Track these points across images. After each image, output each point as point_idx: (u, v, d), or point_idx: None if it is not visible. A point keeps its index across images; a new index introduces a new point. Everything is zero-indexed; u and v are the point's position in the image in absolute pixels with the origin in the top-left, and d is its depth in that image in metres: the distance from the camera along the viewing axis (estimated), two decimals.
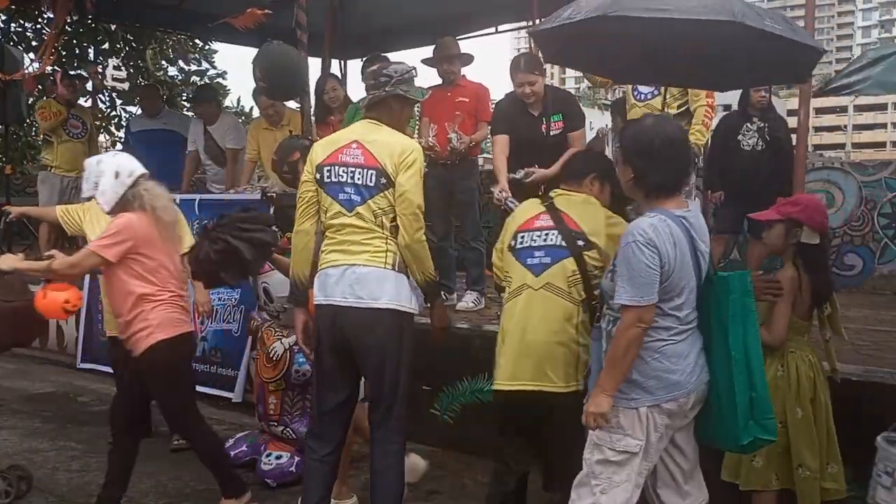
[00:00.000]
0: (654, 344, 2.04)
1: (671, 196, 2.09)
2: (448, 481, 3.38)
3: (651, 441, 2.06)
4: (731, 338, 2.06)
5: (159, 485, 3.29)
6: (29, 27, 9.08)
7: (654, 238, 1.98)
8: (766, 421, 2.09)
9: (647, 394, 2.04)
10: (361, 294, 2.43)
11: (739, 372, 2.05)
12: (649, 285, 1.97)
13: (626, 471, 2.07)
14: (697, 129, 3.82)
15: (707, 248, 2.12)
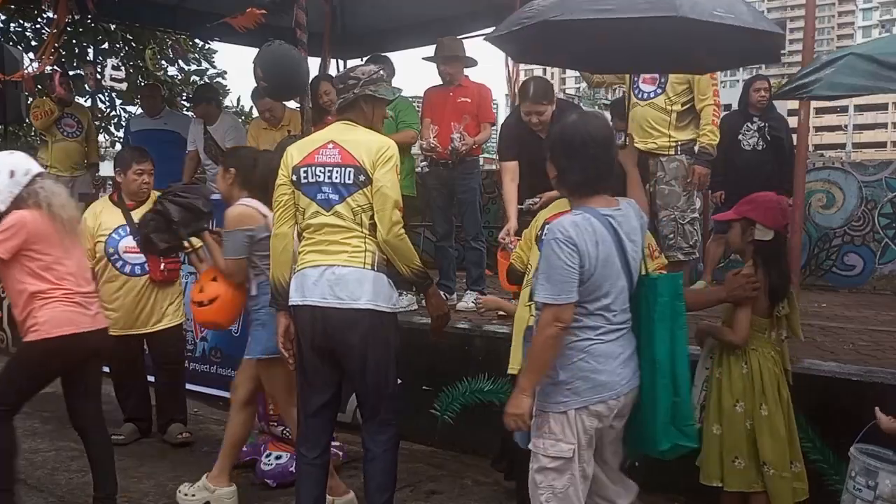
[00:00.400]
0: (580, 343, 2.02)
1: (596, 194, 2.08)
2: (448, 481, 3.38)
3: (582, 443, 2.04)
4: (656, 341, 2.04)
5: (159, 485, 3.28)
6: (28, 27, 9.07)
7: (575, 236, 1.97)
8: (687, 427, 2.08)
9: (575, 395, 2.02)
10: (341, 295, 2.44)
11: (663, 376, 2.04)
12: (567, 284, 1.95)
13: (565, 476, 2.05)
14: (709, 130, 3.78)
15: (638, 248, 2.10)
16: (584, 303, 2.01)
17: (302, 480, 2.61)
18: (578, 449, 2.03)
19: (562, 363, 2.02)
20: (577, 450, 2.03)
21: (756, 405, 2.49)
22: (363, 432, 2.63)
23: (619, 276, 2.04)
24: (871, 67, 2.14)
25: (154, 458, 3.57)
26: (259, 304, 2.90)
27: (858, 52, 2.29)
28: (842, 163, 6.14)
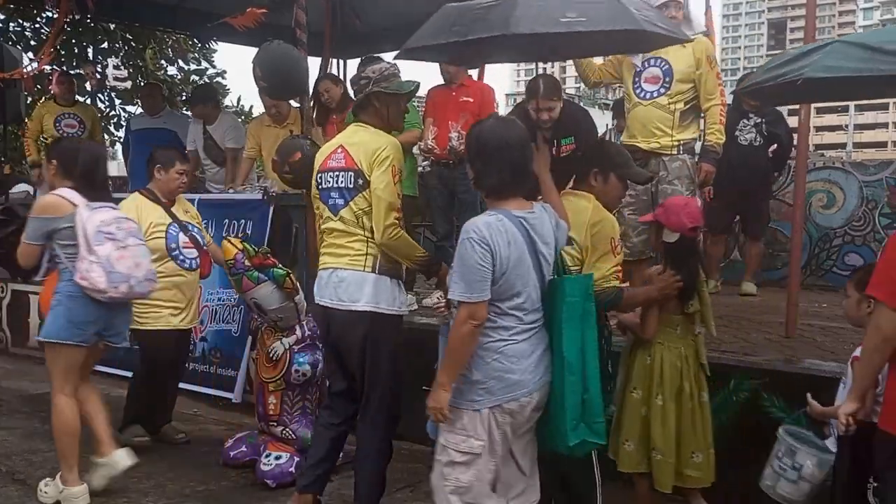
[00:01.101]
0: (494, 344, 2.07)
1: (512, 197, 2.14)
2: None
3: (495, 440, 2.09)
4: (564, 340, 2.10)
5: (159, 485, 3.28)
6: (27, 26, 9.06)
7: (488, 236, 2.02)
8: (596, 424, 2.13)
9: (489, 394, 2.07)
10: (343, 297, 2.57)
11: (571, 373, 2.09)
12: (480, 282, 2.01)
13: (472, 471, 2.09)
14: (717, 129, 3.77)
15: (550, 250, 2.17)
16: (498, 302, 2.07)
17: (315, 439, 2.84)
18: (490, 446, 2.09)
19: (476, 363, 2.07)
20: (487, 446, 2.09)
21: (653, 394, 2.66)
22: (357, 430, 2.71)
23: (532, 277, 2.10)
24: (867, 54, 2.14)
25: (153, 459, 3.56)
26: (57, 290, 2.98)
27: (844, 40, 2.31)
28: (842, 163, 6.12)
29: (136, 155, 5.84)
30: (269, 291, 3.34)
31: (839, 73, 2.18)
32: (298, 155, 3.41)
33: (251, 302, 3.42)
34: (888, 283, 1.88)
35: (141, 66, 9.45)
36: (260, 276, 3.34)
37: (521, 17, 2.27)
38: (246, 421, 4.00)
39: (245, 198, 4.66)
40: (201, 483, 3.31)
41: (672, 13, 3.63)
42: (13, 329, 5.80)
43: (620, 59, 3.91)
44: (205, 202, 4.71)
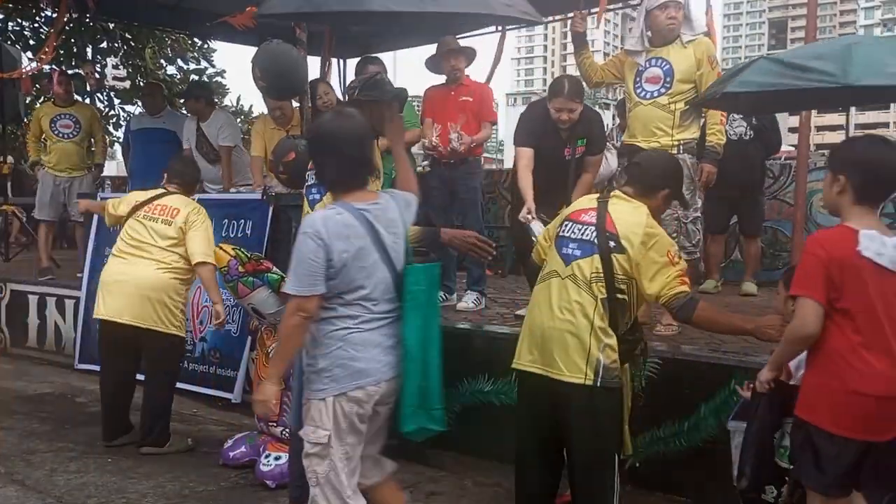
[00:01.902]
0: (338, 333, 2.10)
1: (353, 189, 2.17)
2: (448, 483, 3.36)
3: (342, 428, 2.11)
4: (407, 327, 2.15)
5: (158, 486, 3.27)
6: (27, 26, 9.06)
7: (322, 231, 2.05)
8: (435, 411, 2.19)
9: (334, 382, 2.09)
10: None
11: (411, 360, 2.14)
12: (311, 276, 2.04)
13: (325, 462, 2.12)
14: (717, 130, 3.76)
15: (399, 240, 2.20)
16: (341, 294, 2.09)
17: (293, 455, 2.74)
18: (338, 434, 2.11)
19: (321, 352, 2.10)
20: (334, 435, 2.11)
21: None
22: None
23: (379, 268, 2.13)
24: (780, 69, 2.26)
25: (153, 459, 3.55)
26: None
27: (769, 56, 2.46)
28: None
29: (136, 155, 5.84)
30: (266, 296, 3.33)
31: (751, 87, 2.31)
32: (293, 155, 3.41)
33: (248, 307, 3.42)
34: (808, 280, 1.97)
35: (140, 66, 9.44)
36: (255, 282, 3.32)
37: None
38: (246, 421, 3.99)
39: (245, 198, 4.66)
40: (201, 483, 3.30)
41: (672, 13, 3.62)
42: (12, 329, 5.79)
43: (623, 58, 3.91)
44: (205, 202, 4.69)
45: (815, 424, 2.00)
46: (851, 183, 2.01)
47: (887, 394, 1.94)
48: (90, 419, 4.03)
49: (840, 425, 1.96)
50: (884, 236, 1.98)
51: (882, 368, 1.93)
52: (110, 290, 3.62)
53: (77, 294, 5.23)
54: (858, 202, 2.01)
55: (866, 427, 1.96)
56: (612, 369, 2.34)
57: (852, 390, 1.94)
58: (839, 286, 1.95)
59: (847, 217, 2.03)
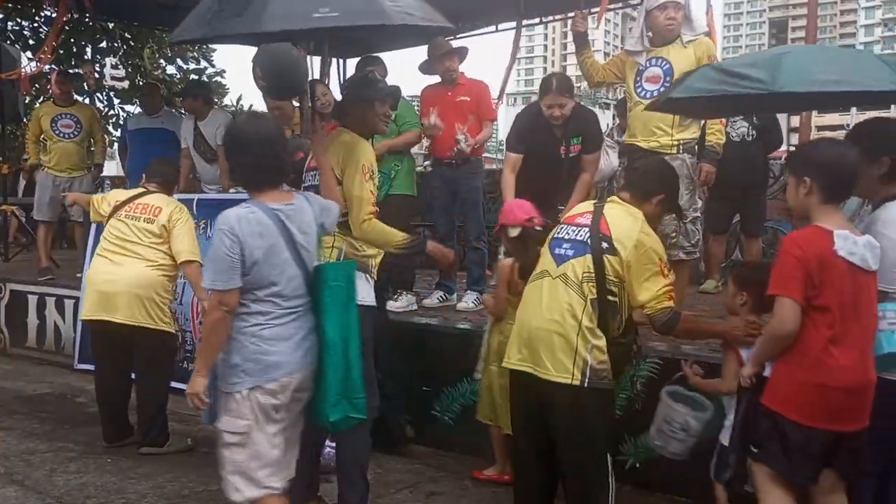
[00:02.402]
0: (251, 329, 2.19)
1: (268, 189, 2.26)
2: (448, 483, 3.35)
3: (259, 418, 2.20)
4: (326, 322, 2.26)
5: (157, 486, 3.26)
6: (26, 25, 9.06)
7: (237, 228, 2.15)
8: (357, 400, 2.30)
9: (248, 376, 2.18)
10: None
11: (333, 353, 2.25)
12: (228, 271, 2.14)
13: (245, 451, 2.21)
14: (717, 130, 3.76)
15: (311, 239, 2.29)
16: (254, 290, 2.19)
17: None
18: (256, 424, 2.20)
19: (235, 347, 2.19)
20: (253, 426, 2.19)
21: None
22: None
23: (290, 265, 2.22)
24: (718, 75, 2.38)
25: (152, 460, 3.55)
26: None
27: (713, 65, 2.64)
28: None
29: (133, 154, 5.82)
30: None
31: (692, 93, 2.43)
32: (300, 154, 3.40)
33: None
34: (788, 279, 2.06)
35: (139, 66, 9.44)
36: None
37: (274, 15, 2.36)
38: None
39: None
40: (200, 484, 3.29)
41: (671, 14, 3.62)
42: (12, 329, 5.78)
43: (624, 58, 3.91)
44: (204, 202, 4.69)
45: (783, 414, 2.09)
46: (817, 184, 2.11)
47: (853, 386, 2.04)
48: (90, 419, 4.02)
49: (808, 415, 2.06)
50: (854, 236, 2.09)
51: (849, 363, 2.04)
52: (99, 289, 3.61)
53: (76, 294, 5.22)
54: (825, 202, 2.12)
55: (833, 417, 2.05)
56: (601, 371, 2.34)
57: (820, 383, 2.04)
58: (818, 284, 2.03)
59: (817, 218, 2.12)
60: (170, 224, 3.63)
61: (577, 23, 4.05)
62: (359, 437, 2.67)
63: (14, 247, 7.44)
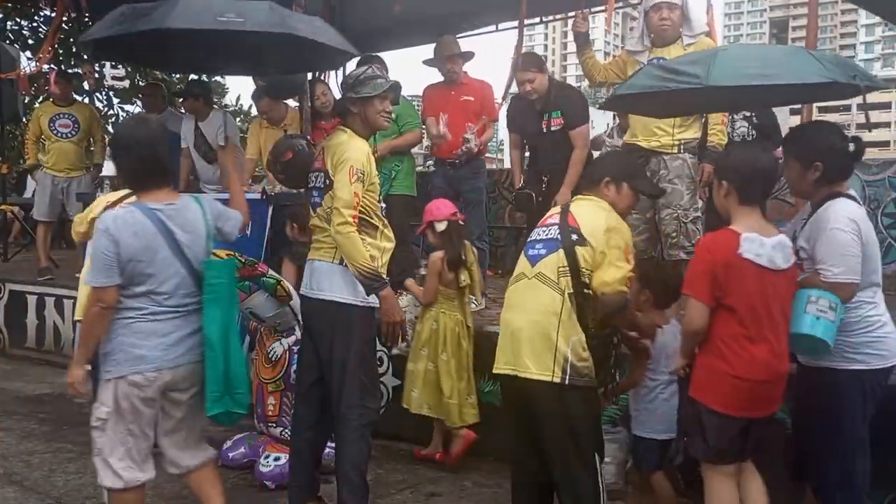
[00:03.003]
0: (123, 321, 2.31)
1: (150, 189, 2.37)
2: (448, 483, 3.35)
3: (122, 408, 2.32)
4: (206, 319, 2.34)
5: (156, 486, 3.24)
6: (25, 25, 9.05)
7: (112, 228, 2.26)
8: (238, 395, 2.39)
9: (116, 366, 2.31)
10: (314, 286, 2.71)
11: (212, 349, 2.33)
12: (104, 269, 2.25)
13: (106, 435, 2.34)
14: (719, 130, 3.76)
15: (197, 238, 2.38)
16: (130, 286, 2.30)
17: (291, 454, 2.87)
18: (118, 413, 2.32)
19: (108, 338, 2.33)
20: (114, 412, 2.32)
21: (438, 352, 3.41)
22: (335, 429, 2.75)
23: (172, 264, 2.32)
24: (660, 72, 2.44)
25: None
26: None
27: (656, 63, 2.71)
28: None
29: None
30: (263, 300, 3.32)
31: (634, 89, 2.50)
32: (290, 154, 3.40)
33: (246, 312, 3.41)
34: (695, 280, 2.26)
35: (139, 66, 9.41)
36: (251, 286, 3.31)
37: (180, 14, 2.48)
38: (245, 422, 3.96)
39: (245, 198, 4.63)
40: None
41: (664, 14, 3.62)
42: (11, 329, 5.78)
43: (625, 58, 3.91)
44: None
45: (703, 403, 2.28)
46: (734, 187, 2.29)
47: (765, 378, 2.23)
48: (88, 420, 4.01)
49: (724, 405, 2.25)
50: (763, 237, 2.23)
51: (761, 357, 2.21)
52: None
53: (76, 294, 5.20)
54: (741, 204, 2.28)
55: (746, 406, 2.25)
56: (582, 368, 2.35)
57: (735, 375, 2.22)
58: (724, 285, 2.21)
59: (735, 219, 2.30)
60: None
61: (578, 23, 4.05)
62: (358, 439, 2.67)
63: (14, 247, 7.43)
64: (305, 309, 2.81)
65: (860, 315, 2.32)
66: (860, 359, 2.31)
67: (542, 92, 3.92)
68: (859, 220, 2.30)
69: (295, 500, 2.82)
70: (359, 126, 2.73)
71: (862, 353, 2.31)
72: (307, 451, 2.82)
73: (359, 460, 2.68)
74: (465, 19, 6.41)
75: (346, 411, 2.66)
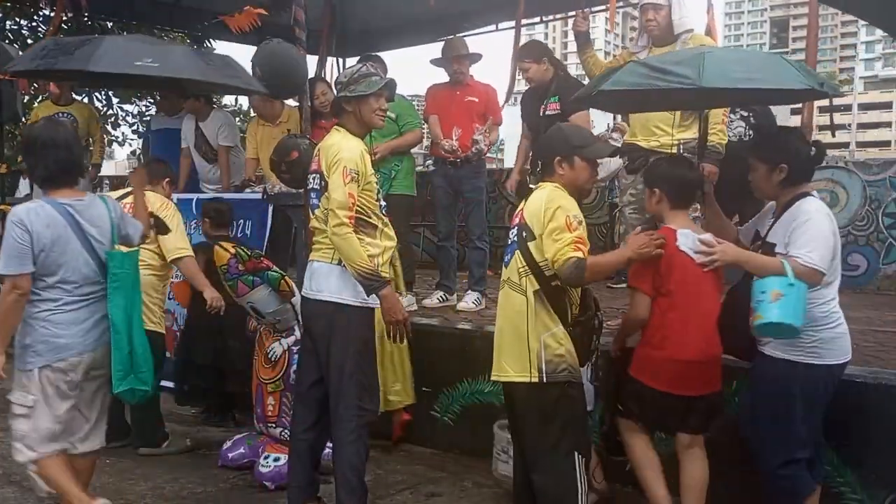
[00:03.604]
0: (41, 314, 2.47)
1: (61, 187, 2.53)
2: (448, 483, 3.35)
3: (49, 394, 2.49)
4: (112, 306, 2.52)
5: (156, 487, 3.26)
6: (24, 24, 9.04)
7: (26, 219, 2.43)
8: (141, 374, 2.57)
9: (38, 356, 2.47)
10: (313, 287, 2.73)
11: (117, 332, 2.51)
12: (19, 258, 2.41)
13: (30, 422, 2.50)
14: (719, 129, 3.76)
15: (104, 232, 2.54)
16: (43, 277, 2.46)
17: (292, 456, 2.87)
18: (44, 400, 2.49)
19: (27, 331, 2.48)
20: (41, 400, 2.48)
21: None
22: (332, 430, 2.74)
23: (79, 255, 2.49)
24: (647, 70, 2.51)
25: (151, 461, 3.54)
26: None
27: (638, 60, 2.75)
28: (845, 162, 6.06)
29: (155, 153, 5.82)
30: (265, 295, 3.32)
31: (621, 86, 2.56)
32: (295, 154, 3.40)
33: (247, 306, 3.40)
34: (640, 275, 2.52)
35: None
36: (255, 280, 3.32)
37: (102, 57, 2.73)
38: (244, 423, 3.97)
39: (244, 197, 4.64)
40: (199, 485, 3.29)
41: (649, 16, 3.62)
42: None
43: (626, 57, 3.89)
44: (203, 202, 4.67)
45: (641, 381, 2.54)
46: (666, 194, 2.60)
47: (697, 359, 2.48)
48: None
49: (661, 382, 2.50)
50: (695, 234, 2.54)
51: (693, 339, 2.48)
52: None
53: None
54: (673, 208, 2.61)
55: (682, 384, 2.50)
56: (558, 363, 2.38)
57: (670, 357, 2.48)
58: (664, 275, 2.50)
59: (667, 220, 2.60)
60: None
61: (579, 22, 4.04)
62: (355, 440, 2.67)
63: None
64: (305, 310, 2.82)
65: (827, 311, 2.42)
66: (821, 353, 2.41)
67: (541, 80, 4.03)
68: (832, 217, 2.45)
69: (294, 500, 2.82)
70: (353, 125, 2.74)
71: (824, 349, 2.41)
72: (306, 451, 2.82)
73: (357, 461, 2.68)
74: (464, 19, 6.40)
75: (344, 412, 2.66)
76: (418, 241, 6.82)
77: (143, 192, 3.02)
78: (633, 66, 2.61)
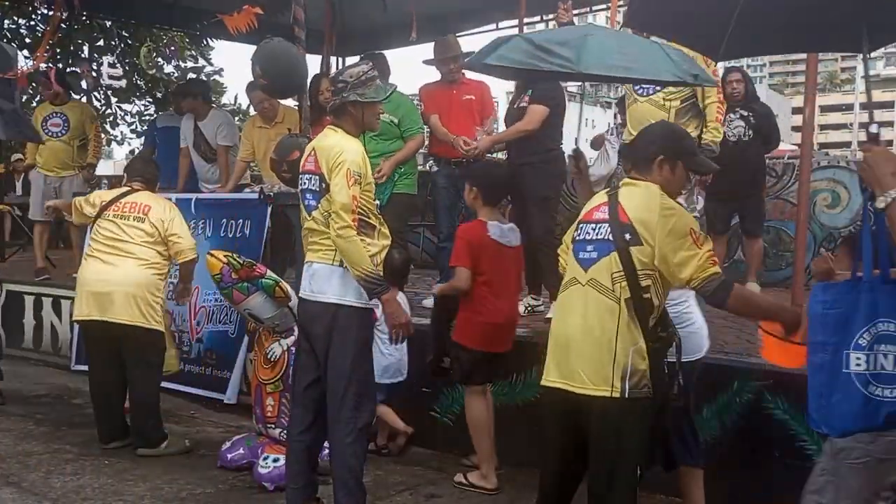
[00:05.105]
0: None
1: None
2: (448, 485, 3.33)
3: None
4: None
5: (155, 488, 3.24)
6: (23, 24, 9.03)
7: None
8: None
9: None
10: (314, 288, 2.69)
11: None
12: None
13: None
14: (714, 128, 3.74)
15: None
16: None
17: (289, 456, 2.86)
18: None
19: None
20: None
21: None
22: (329, 431, 2.73)
23: None
24: (529, 48, 2.44)
25: (150, 461, 3.53)
26: None
27: (524, 36, 2.66)
28: (847, 161, 6.04)
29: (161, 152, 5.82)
30: (262, 301, 3.31)
31: (505, 62, 2.51)
32: (297, 153, 3.38)
33: (245, 313, 3.39)
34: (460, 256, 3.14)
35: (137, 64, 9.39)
36: (249, 287, 3.30)
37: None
38: (244, 423, 3.96)
39: (243, 198, 4.62)
40: (198, 486, 3.27)
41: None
42: (8, 330, 5.74)
43: None
44: (203, 202, 4.67)
45: (461, 343, 3.16)
46: (479, 191, 3.19)
47: (503, 322, 3.20)
48: (86, 421, 4.00)
49: (474, 342, 3.15)
50: (501, 224, 3.21)
51: (502, 307, 3.17)
52: (92, 290, 3.61)
53: (73, 294, 5.18)
54: (485, 204, 3.21)
55: (490, 343, 3.17)
56: (640, 378, 2.17)
57: (484, 321, 3.14)
58: (477, 258, 3.11)
59: (480, 213, 3.21)
60: (164, 224, 3.63)
61: (561, 14, 4.02)
62: (353, 442, 2.65)
63: (11, 247, 7.41)
64: (303, 311, 2.79)
65: (679, 311, 2.52)
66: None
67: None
68: None
69: (293, 501, 2.80)
70: (351, 126, 2.71)
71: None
72: (304, 452, 2.80)
73: (354, 463, 2.67)
74: (465, 18, 6.40)
75: (342, 413, 2.65)
76: (418, 241, 6.80)
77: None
78: (517, 41, 2.52)
